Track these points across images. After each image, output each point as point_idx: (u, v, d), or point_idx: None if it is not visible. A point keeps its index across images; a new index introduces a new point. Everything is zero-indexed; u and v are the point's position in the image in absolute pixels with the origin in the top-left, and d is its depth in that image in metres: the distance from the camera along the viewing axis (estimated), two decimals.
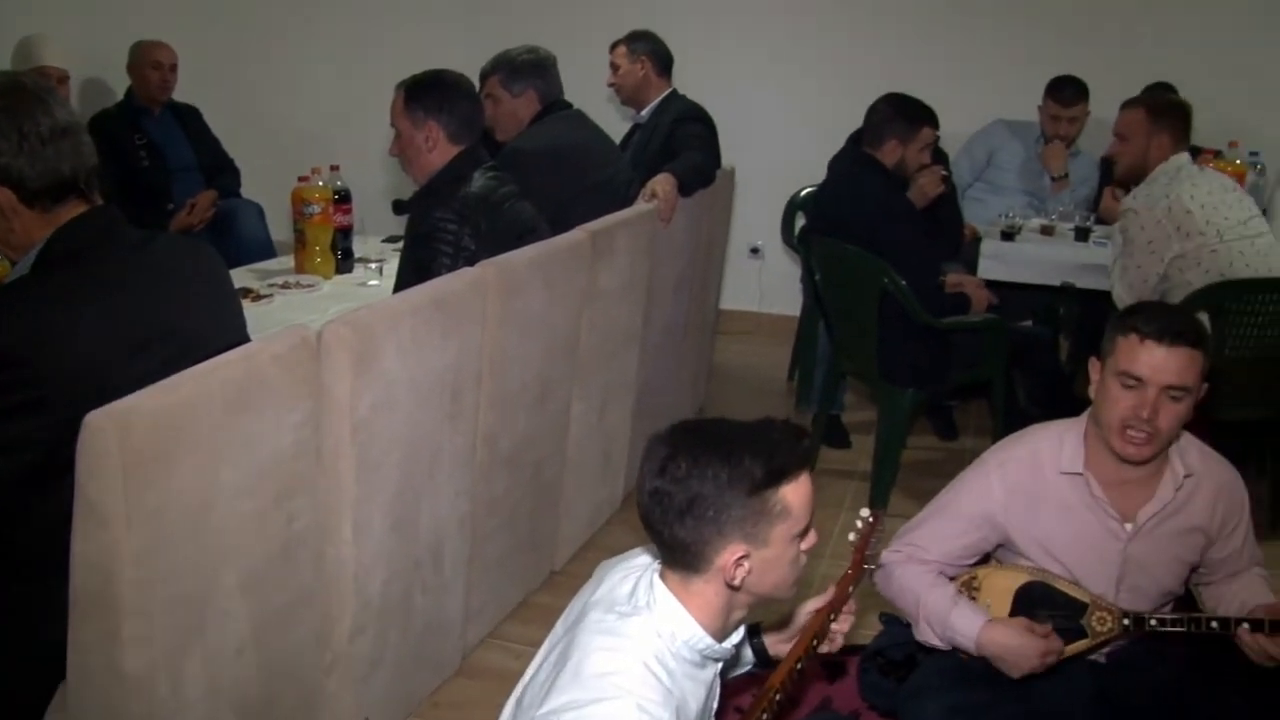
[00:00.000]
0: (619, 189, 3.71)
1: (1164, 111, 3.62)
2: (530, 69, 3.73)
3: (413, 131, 2.96)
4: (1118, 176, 3.90)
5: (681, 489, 1.49)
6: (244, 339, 2.10)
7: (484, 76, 3.74)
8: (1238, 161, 4.41)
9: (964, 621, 2.26)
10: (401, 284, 2.83)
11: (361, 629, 2.28)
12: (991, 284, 4.10)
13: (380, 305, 2.25)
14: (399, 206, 3.03)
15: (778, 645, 1.93)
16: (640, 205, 3.51)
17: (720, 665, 1.69)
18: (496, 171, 3.01)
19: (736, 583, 1.53)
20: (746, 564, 1.52)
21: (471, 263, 2.65)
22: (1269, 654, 2.15)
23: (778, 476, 1.50)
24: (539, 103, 3.73)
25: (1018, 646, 2.22)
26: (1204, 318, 3.30)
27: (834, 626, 1.91)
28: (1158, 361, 2.10)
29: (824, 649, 1.91)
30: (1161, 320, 2.12)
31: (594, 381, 3.24)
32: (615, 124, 4.63)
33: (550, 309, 2.83)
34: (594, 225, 3.09)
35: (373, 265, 3.71)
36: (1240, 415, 3.65)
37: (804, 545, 1.59)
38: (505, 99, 3.72)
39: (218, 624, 1.88)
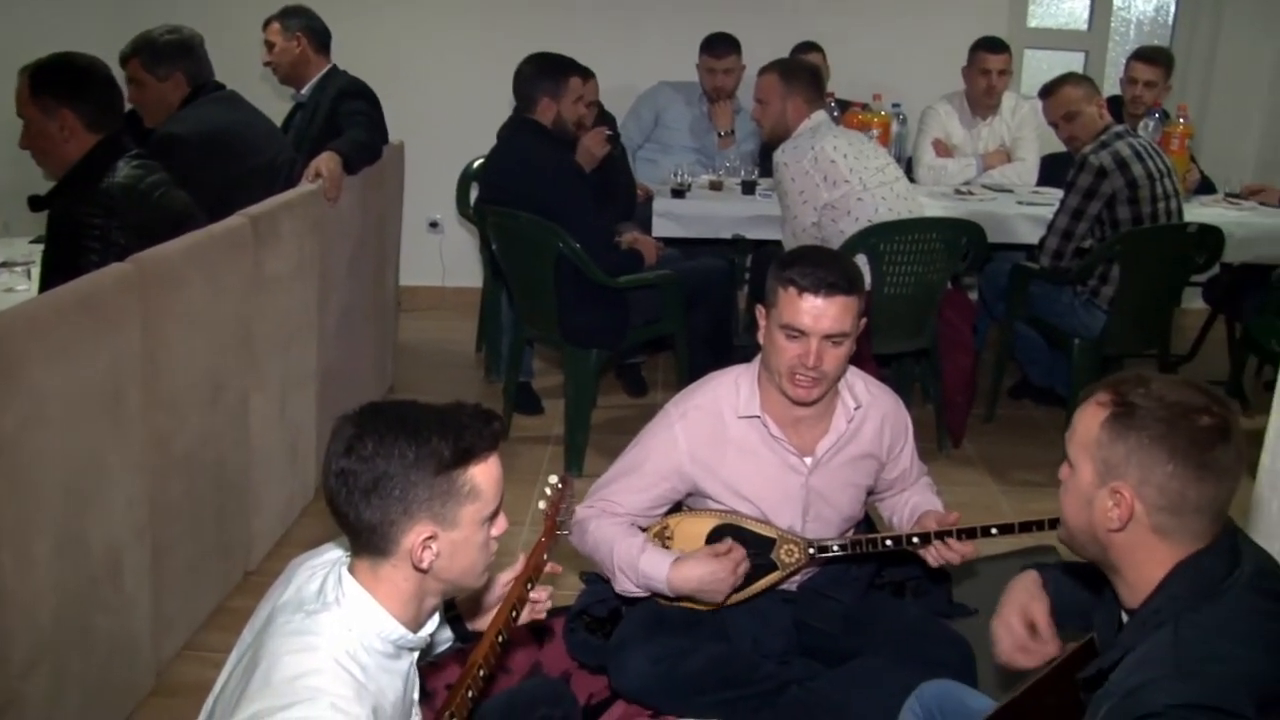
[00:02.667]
0: (281, 171, 3.58)
1: (795, 74, 3.89)
2: (175, 50, 3.52)
3: (44, 121, 2.73)
4: (764, 137, 4.17)
5: (367, 468, 1.47)
6: None
7: (124, 60, 3.50)
8: (882, 113, 4.79)
9: (653, 566, 2.35)
10: (46, 287, 2.62)
11: (34, 664, 2.12)
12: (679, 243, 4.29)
13: (18, 311, 2.07)
14: (36, 203, 2.79)
15: (476, 621, 1.93)
16: (304, 186, 3.40)
17: (416, 655, 1.68)
18: (144, 160, 2.84)
19: (425, 565, 1.52)
20: (434, 546, 1.51)
21: (122, 258, 2.49)
22: (944, 557, 2.36)
23: (466, 456, 1.51)
24: (188, 85, 3.53)
25: (709, 574, 2.33)
26: (862, 261, 3.58)
27: (532, 595, 1.94)
28: (817, 312, 2.25)
29: (524, 618, 1.94)
30: (816, 272, 2.25)
31: (271, 373, 3.13)
32: (274, 104, 4.45)
33: (214, 301, 2.71)
34: (255, 210, 2.97)
35: (18, 269, 3.41)
36: (900, 348, 4.00)
37: (494, 531, 1.60)
38: (150, 83, 3.50)
39: None
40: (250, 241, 2.89)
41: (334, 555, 1.65)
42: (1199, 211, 4.36)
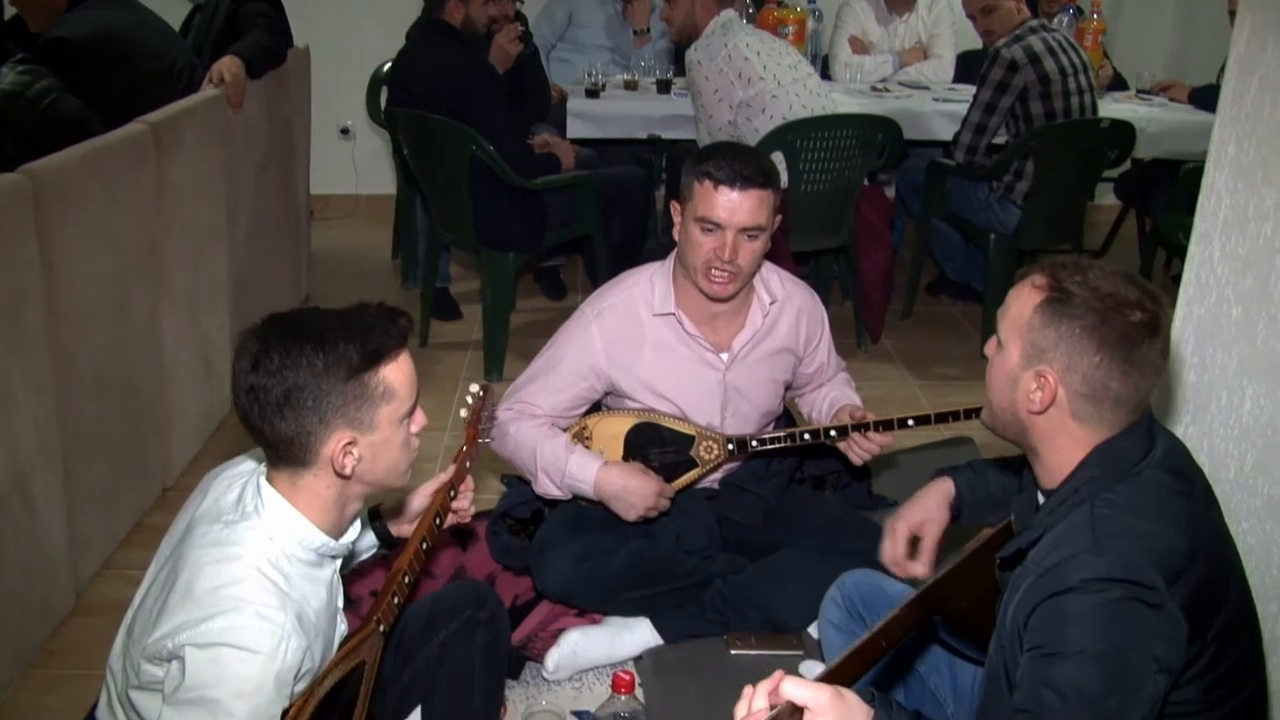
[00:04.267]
0: (180, 77, 3.44)
1: None
2: None
3: None
4: (674, 37, 4.14)
5: (277, 381, 1.45)
6: None
7: None
8: (798, 9, 4.72)
9: (581, 467, 2.36)
10: None
11: None
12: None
13: None
14: None
15: (400, 527, 1.93)
16: (206, 91, 3.28)
17: (339, 563, 1.67)
18: (30, 66, 2.71)
19: (347, 471, 1.51)
20: (355, 451, 1.50)
21: (13, 169, 2.38)
22: (863, 449, 2.40)
23: (375, 358, 1.49)
24: None
25: (636, 486, 2.35)
26: (778, 159, 3.57)
27: (455, 504, 1.93)
28: (732, 205, 2.24)
29: (449, 524, 1.94)
30: (732, 165, 2.24)
31: (180, 286, 3.05)
32: (170, 7, 4.25)
33: (115, 212, 2.61)
34: (155, 116, 2.85)
35: None
36: (818, 245, 4.01)
37: (413, 427, 1.59)
38: None
39: None
40: (151, 150, 2.79)
41: (250, 465, 1.63)
42: (1111, 107, 4.40)
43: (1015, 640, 1.36)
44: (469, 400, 2.13)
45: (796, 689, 1.14)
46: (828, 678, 1.21)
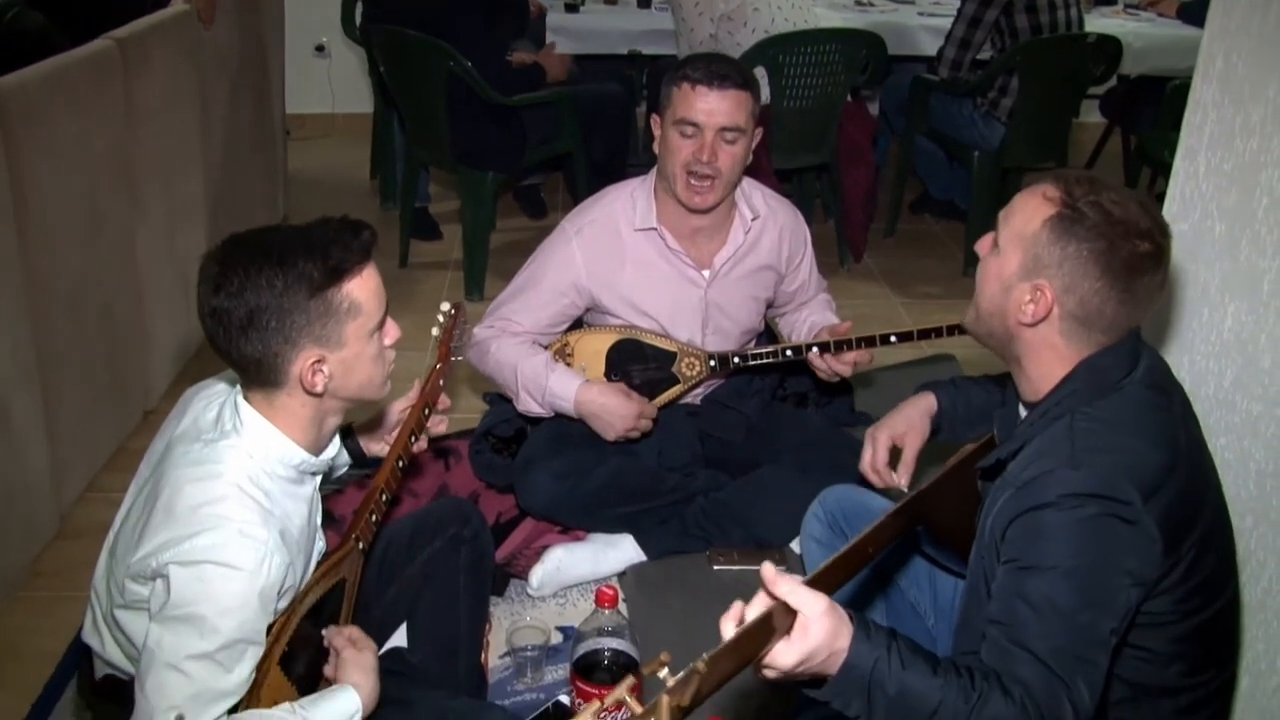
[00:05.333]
0: None
1: None
2: None
3: None
4: None
5: (239, 303, 1.42)
6: None
7: None
8: None
9: (561, 385, 2.36)
10: None
11: None
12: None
13: None
14: None
15: (372, 445, 1.91)
16: (175, 7, 3.20)
17: (319, 479, 1.67)
18: None
19: (319, 389, 1.49)
20: (325, 369, 1.48)
21: None
22: (834, 370, 2.40)
23: (337, 274, 1.46)
24: None
25: (616, 405, 2.35)
26: (760, 74, 3.52)
27: (429, 423, 1.93)
28: (710, 105, 2.22)
29: (422, 444, 1.94)
30: (710, 66, 2.22)
31: (155, 207, 3.00)
32: None
33: (84, 132, 2.56)
34: (121, 33, 2.78)
35: None
36: (800, 163, 3.98)
37: (386, 341, 1.57)
38: None
39: None
40: (119, 68, 2.72)
41: (227, 384, 1.62)
42: (1098, 22, 4.36)
43: (993, 551, 1.37)
44: (440, 319, 2.11)
45: (793, 592, 1.14)
46: (814, 582, 1.21)
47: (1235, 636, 1.55)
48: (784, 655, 1.14)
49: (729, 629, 1.12)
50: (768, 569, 1.15)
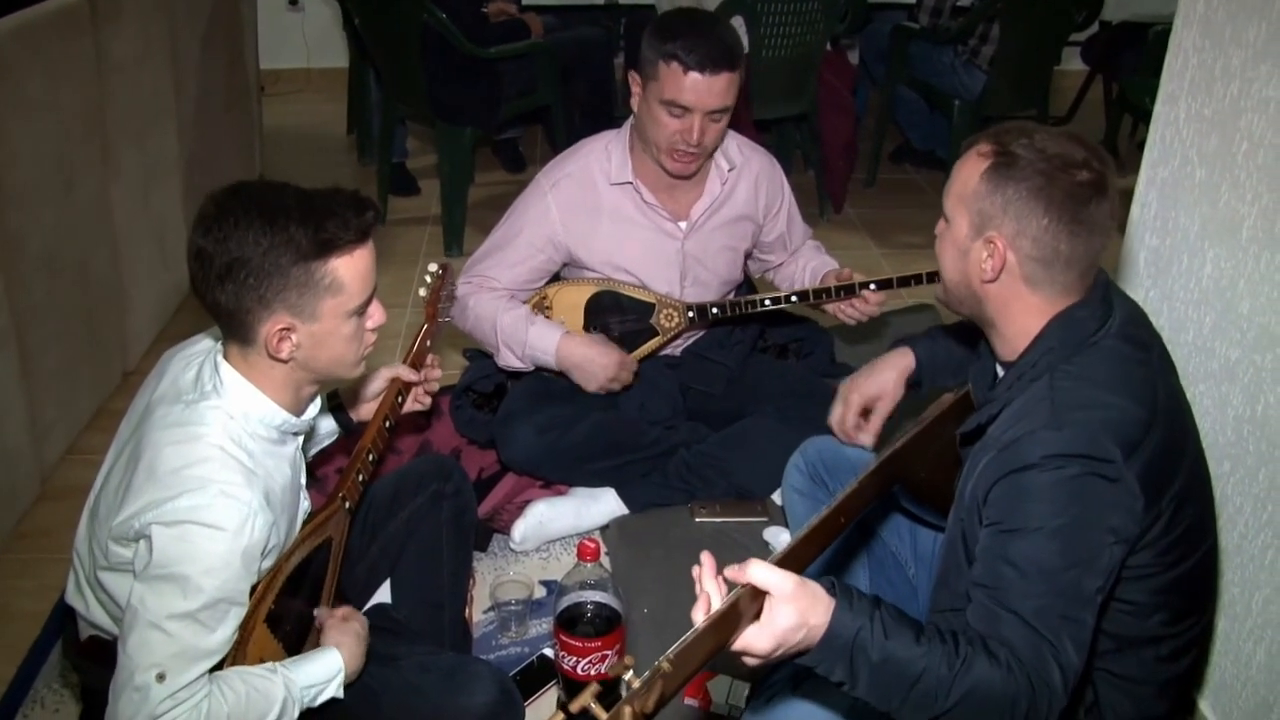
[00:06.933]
0: None
1: None
2: None
3: None
4: None
5: (221, 251, 1.40)
6: None
7: None
8: None
9: (542, 337, 2.35)
10: None
11: None
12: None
13: None
14: None
15: (359, 410, 1.91)
16: None
17: (301, 439, 1.66)
18: None
19: (283, 356, 1.47)
20: (293, 337, 1.46)
21: None
22: (864, 313, 2.40)
23: (326, 248, 1.43)
24: None
25: (597, 356, 2.35)
26: (738, 24, 3.48)
27: (422, 389, 1.92)
28: (701, 90, 2.18)
29: (409, 406, 1.93)
30: (702, 49, 2.16)
31: (129, 163, 2.97)
32: None
33: (53, 87, 2.52)
34: None
35: None
36: (780, 112, 3.95)
37: (369, 324, 1.55)
38: None
39: None
40: (88, 21, 2.68)
41: (207, 344, 1.60)
42: None
43: (974, 514, 1.37)
44: (428, 279, 2.10)
45: (760, 572, 1.14)
46: (785, 561, 1.21)
47: (1214, 583, 1.56)
48: (757, 640, 1.14)
49: (699, 619, 1.11)
50: (731, 570, 1.15)
